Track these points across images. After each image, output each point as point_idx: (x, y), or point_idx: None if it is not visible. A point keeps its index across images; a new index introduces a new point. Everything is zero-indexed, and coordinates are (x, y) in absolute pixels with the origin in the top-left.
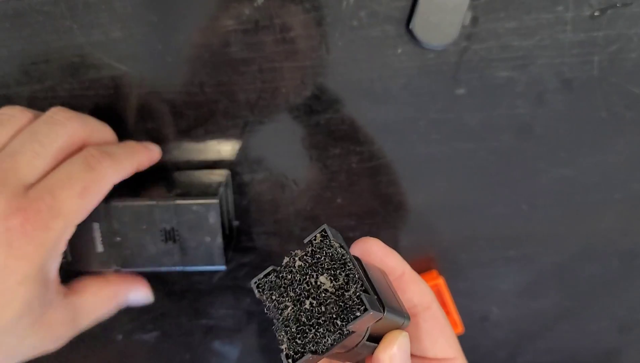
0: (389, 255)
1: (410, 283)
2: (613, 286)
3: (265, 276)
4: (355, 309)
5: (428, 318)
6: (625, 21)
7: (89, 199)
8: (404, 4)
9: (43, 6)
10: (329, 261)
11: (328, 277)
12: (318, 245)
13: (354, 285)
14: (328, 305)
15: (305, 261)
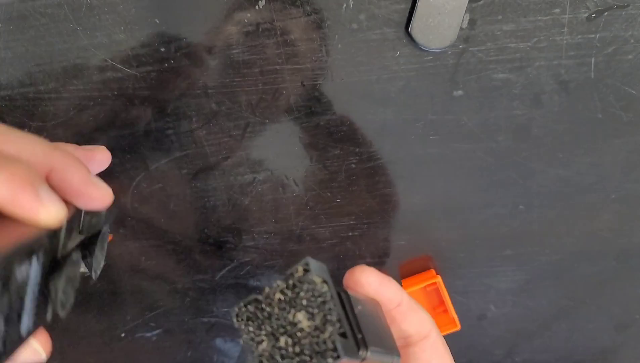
0: (385, 285)
1: (408, 312)
2: (609, 286)
3: (245, 305)
4: (329, 355)
5: (427, 348)
6: (622, 23)
7: None
8: (402, 7)
9: (47, 9)
10: (309, 297)
11: (305, 315)
12: (299, 279)
13: (330, 327)
14: (303, 345)
15: (286, 295)
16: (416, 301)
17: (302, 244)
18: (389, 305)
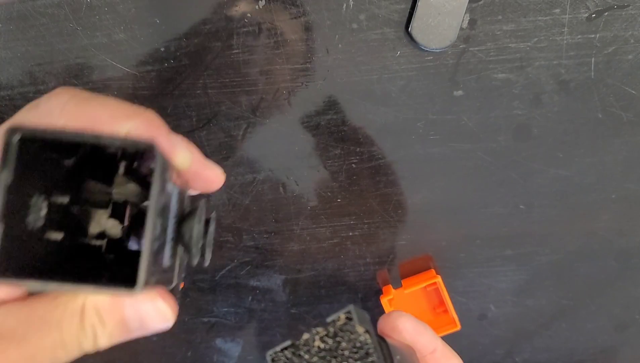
0: (421, 332)
1: (442, 359)
2: (609, 285)
3: (282, 350)
4: None
5: None
6: (622, 23)
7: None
8: (403, 7)
9: (47, 9)
10: (351, 347)
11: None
12: (341, 327)
13: None
14: None
15: (326, 343)
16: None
17: (302, 244)
18: (423, 351)
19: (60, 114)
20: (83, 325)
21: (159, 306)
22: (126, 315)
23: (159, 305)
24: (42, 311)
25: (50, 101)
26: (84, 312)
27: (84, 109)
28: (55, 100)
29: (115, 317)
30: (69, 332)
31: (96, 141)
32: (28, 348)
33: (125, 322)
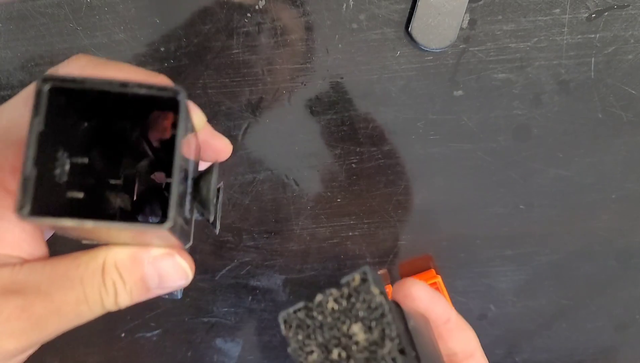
0: (435, 301)
1: (455, 330)
2: (609, 285)
3: (294, 312)
4: None
5: None
6: (622, 23)
7: None
8: (403, 7)
9: (47, 8)
10: (366, 308)
11: (362, 327)
12: (355, 288)
13: (390, 342)
14: (358, 360)
15: (340, 304)
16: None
17: (302, 244)
18: (437, 321)
19: None
20: (104, 281)
21: (178, 262)
22: (146, 272)
23: (179, 261)
24: (63, 269)
25: (70, 64)
26: (104, 270)
27: (102, 72)
28: (75, 63)
29: (135, 275)
30: (91, 288)
31: (123, 88)
32: (53, 303)
33: (145, 279)
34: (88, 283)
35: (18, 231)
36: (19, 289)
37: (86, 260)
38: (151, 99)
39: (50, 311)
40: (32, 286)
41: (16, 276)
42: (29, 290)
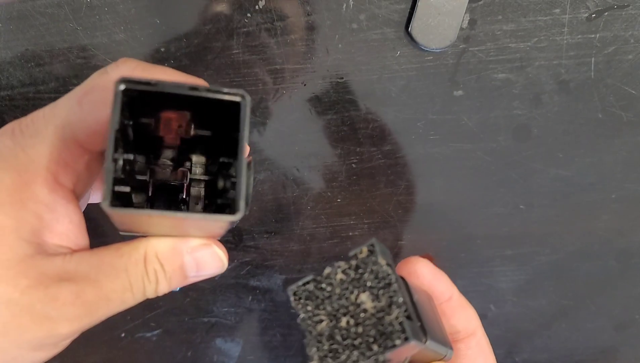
0: (438, 278)
1: (458, 308)
2: (609, 285)
3: (304, 284)
4: (395, 336)
5: (472, 346)
6: (622, 23)
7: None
8: (403, 7)
9: (47, 8)
10: (373, 278)
11: (370, 296)
12: (363, 260)
13: (397, 309)
14: (366, 326)
15: (348, 275)
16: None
17: (302, 244)
18: (440, 298)
19: None
20: (147, 270)
21: (215, 251)
22: (185, 262)
23: (216, 250)
24: (109, 259)
25: (119, 67)
26: (146, 260)
27: (152, 75)
28: (123, 66)
29: (175, 264)
30: (135, 277)
31: (193, 92)
32: (102, 290)
33: (184, 268)
34: (132, 272)
35: (67, 223)
36: (71, 277)
37: (129, 250)
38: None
39: (99, 298)
40: (82, 275)
41: (67, 265)
42: (80, 278)
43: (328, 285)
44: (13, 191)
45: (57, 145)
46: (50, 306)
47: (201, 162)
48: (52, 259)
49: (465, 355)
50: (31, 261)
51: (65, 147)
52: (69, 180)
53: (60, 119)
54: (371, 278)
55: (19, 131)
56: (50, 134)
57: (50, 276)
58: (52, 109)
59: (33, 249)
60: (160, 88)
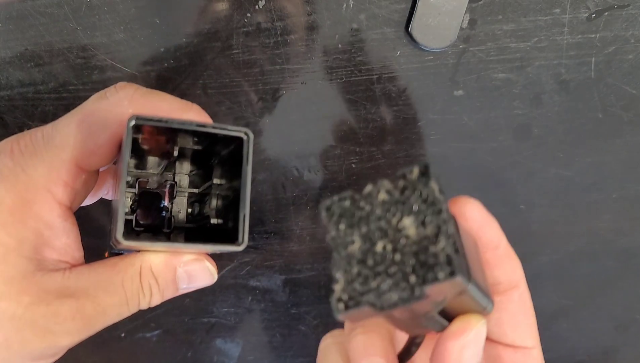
0: (489, 224)
1: (505, 258)
2: (610, 285)
3: (339, 200)
4: (439, 269)
5: (515, 300)
6: (622, 23)
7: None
8: (403, 7)
9: (47, 8)
10: (421, 203)
11: (415, 222)
12: (413, 182)
13: (445, 239)
14: (405, 254)
15: (392, 196)
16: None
17: (302, 244)
18: (487, 245)
19: (129, 104)
20: (142, 285)
21: (206, 266)
22: (178, 275)
23: (206, 265)
24: (106, 275)
25: (118, 93)
26: (142, 274)
27: (148, 101)
28: (122, 92)
29: (168, 277)
30: (131, 292)
31: (201, 128)
32: (100, 305)
33: (176, 281)
34: (128, 287)
35: (65, 238)
36: (71, 293)
37: (124, 266)
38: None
39: (98, 312)
40: (81, 291)
41: (67, 281)
42: (79, 294)
43: (367, 204)
44: (15, 210)
45: (56, 166)
46: (52, 322)
47: (185, 172)
48: (52, 275)
49: (506, 308)
50: (32, 278)
51: (64, 167)
52: (66, 198)
53: (59, 140)
54: (419, 203)
55: (18, 150)
56: (50, 155)
57: (51, 292)
58: (52, 130)
59: (34, 266)
60: (170, 125)
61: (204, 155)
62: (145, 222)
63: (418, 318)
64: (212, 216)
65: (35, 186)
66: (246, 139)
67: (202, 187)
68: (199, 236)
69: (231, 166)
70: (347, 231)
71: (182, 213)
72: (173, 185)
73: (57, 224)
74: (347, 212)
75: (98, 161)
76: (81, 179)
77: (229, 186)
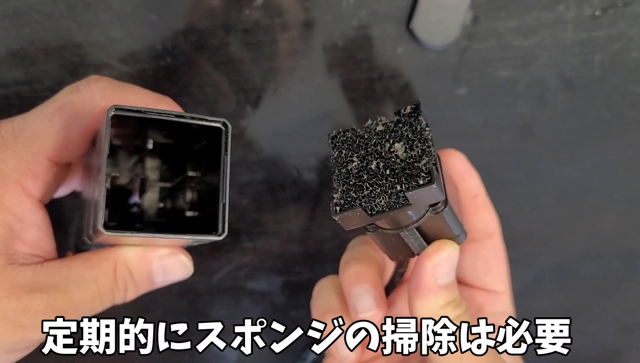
0: (470, 173)
1: (482, 207)
2: (614, 287)
3: (344, 132)
4: (420, 178)
5: (488, 246)
6: (627, 21)
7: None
8: (404, 4)
9: (42, 6)
10: (411, 132)
11: (404, 145)
12: (406, 117)
13: (427, 158)
14: (395, 169)
15: (387, 127)
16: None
17: (302, 245)
18: (466, 193)
19: (102, 98)
20: (116, 279)
21: (182, 259)
22: (153, 269)
23: (182, 259)
24: (79, 270)
25: (90, 86)
26: (116, 268)
27: (120, 95)
28: (95, 85)
29: (144, 271)
30: (105, 287)
31: (180, 119)
32: (72, 300)
33: (152, 275)
34: (102, 283)
35: (36, 231)
36: (42, 288)
37: (98, 261)
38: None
39: (69, 307)
40: (52, 285)
41: (38, 275)
42: (51, 288)
43: (366, 133)
44: None
45: (26, 158)
46: (23, 316)
47: (154, 167)
48: (23, 269)
49: (480, 255)
50: (3, 273)
51: (34, 160)
52: (37, 191)
53: (29, 132)
54: (409, 131)
55: None
56: (20, 148)
57: (22, 286)
58: (22, 122)
59: (4, 260)
60: (149, 115)
61: (174, 149)
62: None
63: (400, 234)
64: (187, 209)
65: (4, 180)
66: (224, 130)
67: (175, 181)
68: (172, 231)
69: (208, 158)
70: (347, 154)
71: (153, 208)
72: (144, 180)
73: (28, 217)
74: (349, 140)
75: (70, 154)
76: (52, 172)
77: (203, 179)
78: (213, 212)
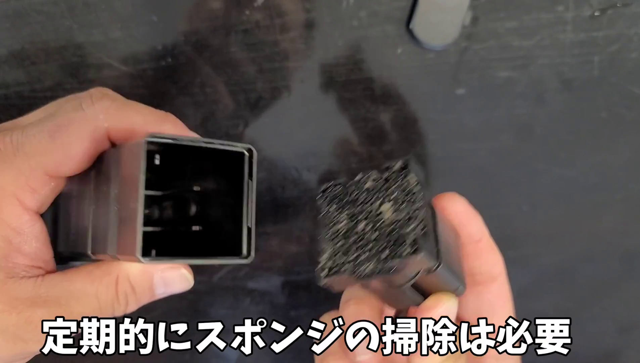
0: (472, 219)
1: (486, 251)
2: (613, 287)
3: (334, 185)
4: (405, 247)
5: (493, 290)
6: (626, 21)
7: (63, 141)
8: (404, 4)
9: (43, 6)
10: (400, 192)
11: (392, 207)
12: (395, 174)
13: (414, 223)
14: (381, 234)
15: (376, 184)
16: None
17: (302, 245)
18: (470, 239)
19: (105, 118)
20: (117, 294)
21: (183, 272)
22: (154, 282)
23: (182, 272)
24: (80, 284)
25: (94, 106)
26: (118, 282)
27: (124, 114)
28: (98, 105)
29: (145, 284)
30: (105, 301)
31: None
32: (72, 315)
33: (153, 288)
34: (102, 297)
35: (34, 243)
36: (43, 302)
37: (100, 275)
38: None
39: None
40: (53, 299)
41: (39, 289)
42: (51, 302)
43: (355, 190)
44: None
45: (24, 173)
46: (24, 330)
47: None
48: (24, 283)
49: (484, 298)
50: (3, 287)
51: (33, 175)
52: (34, 204)
53: (29, 147)
54: (398, 191)
55: None
56: (19, 162)
57: (22, 300)
58: (21, 136)
59: (4, 274)
60: (180, 142)
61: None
62: None
63: (395, 291)
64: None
65: (2, 193)
66: (247, 156)
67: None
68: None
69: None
70: (336, 212)
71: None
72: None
73: (26, 229)
74: (338, 196)
75: (68, 171)
76: (50, 186)
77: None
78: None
